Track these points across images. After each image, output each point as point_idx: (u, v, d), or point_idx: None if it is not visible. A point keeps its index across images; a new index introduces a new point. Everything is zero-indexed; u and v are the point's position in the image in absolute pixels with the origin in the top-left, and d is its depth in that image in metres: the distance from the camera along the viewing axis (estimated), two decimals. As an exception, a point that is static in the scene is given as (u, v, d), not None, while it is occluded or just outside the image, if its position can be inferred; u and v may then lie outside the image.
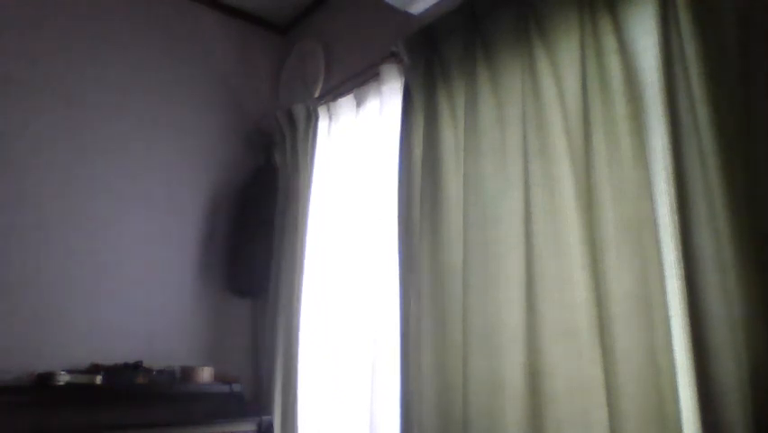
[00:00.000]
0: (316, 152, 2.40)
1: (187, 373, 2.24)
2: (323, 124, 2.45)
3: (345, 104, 2.40)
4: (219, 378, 2.33)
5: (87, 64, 2.39)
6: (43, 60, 2.28)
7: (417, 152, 1.87)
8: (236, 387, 2.31)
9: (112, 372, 2.09)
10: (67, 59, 2.34)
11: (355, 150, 2.30)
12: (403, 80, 2.02)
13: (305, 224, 2.34)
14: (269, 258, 2.49)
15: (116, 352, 2.21)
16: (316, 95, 2.61)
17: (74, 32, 2.38)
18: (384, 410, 1.87)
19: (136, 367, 2.15)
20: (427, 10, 2.07)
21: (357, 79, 2.31)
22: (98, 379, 2.03)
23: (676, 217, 1.23)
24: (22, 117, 2.20)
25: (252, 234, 2.52)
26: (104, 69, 2.42)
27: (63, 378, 1.97)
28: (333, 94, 2.46)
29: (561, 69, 1.52)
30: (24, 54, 2.24)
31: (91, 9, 2.44)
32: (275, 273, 2.45)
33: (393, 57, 2.09)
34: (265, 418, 2.31)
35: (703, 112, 1.20)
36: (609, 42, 1.41)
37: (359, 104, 2.30)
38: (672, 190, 1.25)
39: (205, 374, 2.26)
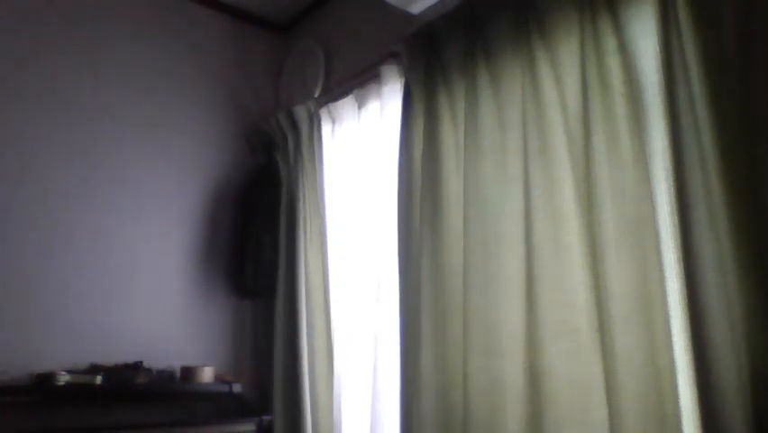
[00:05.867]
0: (322, 153, 2.40)
1: (187, 373, 2.24)
2: (324, 125, 2.45)
3: (346, 105, 2.40)
4: (219, 378, 2.33)
5: (86, 65, 2.38)
6: (41, 62, 2.28)
7: (418, 152, 1.87)
8: (236, 387, 2.31)
9: (112, 372, 2.09)
10: (65, 60, 2.34)
11: (356, 151, 2.30)
12: (403, 81, 2.02)
13: (312, 225, 2.34)
14: (274, 259, 2.49)
15: (116, 352, 2.21)
16: (316, 95, 2.61)
17: (73, 32, 2.38)
18: (385, 410, 1.87)
19: (136, 367, 2.15)
20: (427, 10, 2.07)
21: (357, 80, 2.31)
22: (98, 379, 2.03)
23: (676, 217, 1.23)
24: (22, 119, 2.20)
25: (256, 236, 2.52)
26: (103, 70, 2.42)
27: (63, 378, 1.97)
28: (333, 94, 2.46)
29: (561, 69, 1.53)
30: (23, 56, 2.24)
31: (90, 9, 2.44)
32: (281, 274, 2.44)
33: (393, 57, 2.09)
34: (265, 418, 2.31)
35: (703, 112, 1.21)
36: (609, 43, 1.41)
37: (359, 104, 2.30)
38: (672, 190, 1.25)
39: (206, 374, 2.26)
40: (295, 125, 2.50)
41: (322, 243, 2.29)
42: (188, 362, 2.34)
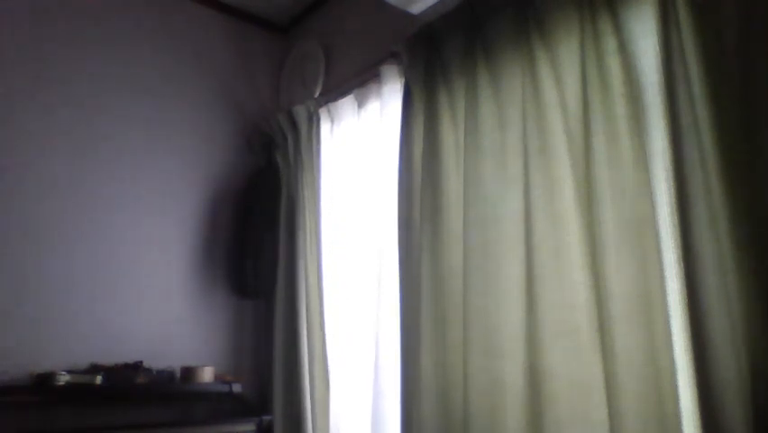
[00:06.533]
0: (321, 153, 2.40)
1: (187, 373, 2.24)
2: (324, 125, 2.46)
3: (345, 104, 2.40)
4: (219, 378, 2.33)
5: (87, 64, 2.38)
6: (42, 62, 2.28)
7: (418, 152, 1.87)
8: (236, 387, 2.31)
9: (112, 372, 2.09)
10: (65, 60, 2.33)
11: (356, 150, 2.30)
12: (403, 80, 2.02)
13: (311, 225, 2.34)
14: (274, 258, 2.49)
15: (116, 352, 2.21)
16: (316, 95, 2.61)
17: (73, 33, 2.38)
18: (386, 410, 1.87)
19: (136, 367, 2.15)
20: (427, 10, 2.07)
21: (357, 80, 2.31)
22: (98, 379, 2.03)
23: (676, 217, 1.23)
24: (22, 119, 2.20)
25: (257, 236, 2.52)
26: (103, 70, 2.42)
27: (63, 378, 1.97)
28: (333, 94, 2.46)
29: (561, 68, 1.53)
30: (23, 55, 2.24)
31: (91, 9, 2.44)
32: (280, 274, 2.44)
33: (393, 57, 2.09)
34: (265, 418, 2.31)
35: (703, 112, 1.21)
36: (609, 43, 1.41)
37: (359, 104, 2.30)
38: (672, 190, 1.25)
39: (206, 374, 2.26)
40: (295, 125, 2.50)
41: (318, 243, 2.29)
42: (188, 362, 2.34)
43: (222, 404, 2.39)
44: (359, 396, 2.08)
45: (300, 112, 2.48)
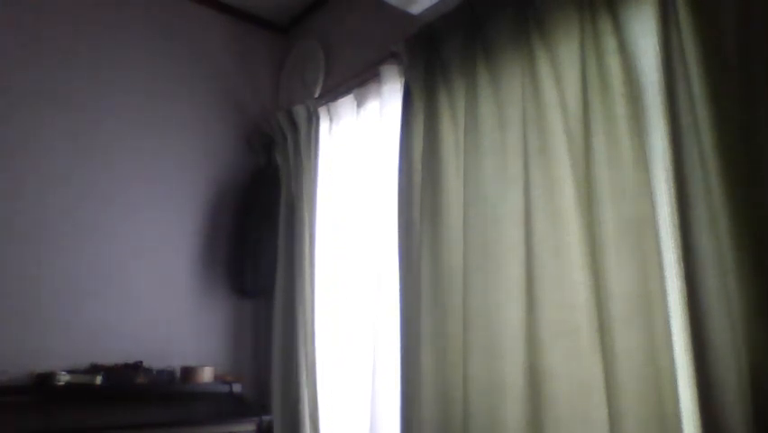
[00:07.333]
0: (321, 153, 2.41)
1: (187, 373, 2.24)
2: (323, 124, 2.46)
3: (345, 104, 2.40)
4: (219, 378, 2.33)
5: (87, 65, 2.39)
6: (42, 62, 2.28)
7: (417, 152, 1.87)
8: (236, 387, 2.31)
9: (112, 372, 2.09)
10: (66, 61, 2.34)
11: (355, 150, 2.30)
12: (403, 80, 2.02)
13: (310, 225, 2.34)
14: (273, 258, 2.49)
15: (116, 352, 2.21)
16: (316, 95, 2.61)
17: (73, 33, 2.38)
18: (384, 410, 1.87)
19: (136, 367, 2.15)
20: (427, 10, 2.07)
21: (357, 79, 2.31)
22: (98, 379, 2.03)
23: (676, 217, 1.23)
24: (22, 118, 2.20)
25: (256, 235, 2.52)
26: (103, 70, 2.42)
27: (63, 378, 1.97)
28: (333, 94, 2.46)
29: (561, 68, 1.53)
30: (23, 55, 2.24)
31: (91, 9, 2.44)
32: (279, 273, 2.44)
33: (393, 57, 2.09)
34: (265, 418, 2.31)
35: (703, 112, 1.20)
36: (609, 43, 1.41)
37: (359, 104, 2.31)
38: (672, 190, 1.25)
39: (206, 374, 2.26)
40: (294, 125, 2.50)
41: (312, 242, 2.29)
42: (188, 362, 2.34)
43: (222, 404, 2.39)
44: (358, 396, 2.08)
45: (300, 111, 2.48)
